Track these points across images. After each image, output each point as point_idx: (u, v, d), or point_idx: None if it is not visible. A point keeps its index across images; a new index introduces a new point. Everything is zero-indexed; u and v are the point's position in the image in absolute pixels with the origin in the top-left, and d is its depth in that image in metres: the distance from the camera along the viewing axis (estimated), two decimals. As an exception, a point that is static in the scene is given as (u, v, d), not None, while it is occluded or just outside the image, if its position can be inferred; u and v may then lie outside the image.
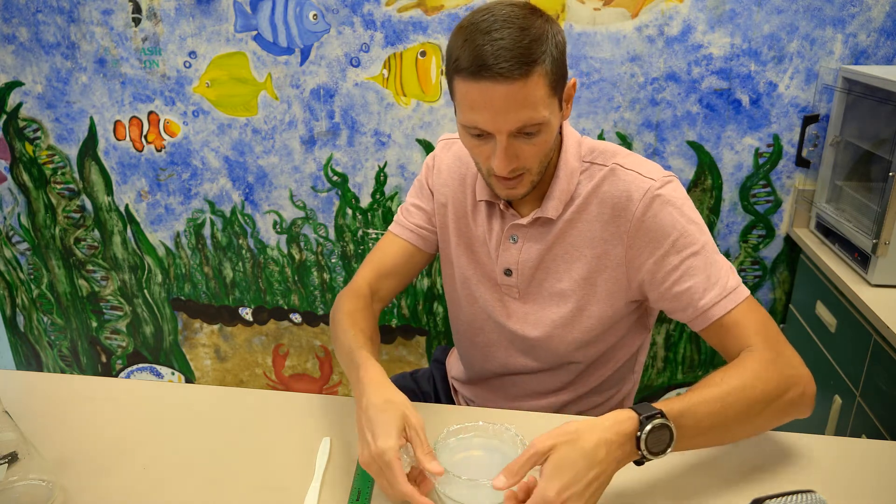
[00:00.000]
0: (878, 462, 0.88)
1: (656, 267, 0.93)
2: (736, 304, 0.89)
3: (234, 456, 0.89)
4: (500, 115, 0.83)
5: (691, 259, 0.91)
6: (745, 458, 0.87)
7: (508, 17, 0.81)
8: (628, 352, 1.09)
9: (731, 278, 0.91)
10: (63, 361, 2.23)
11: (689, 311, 0.92)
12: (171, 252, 2.02)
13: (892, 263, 1.35)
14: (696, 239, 0.91)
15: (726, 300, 0.89)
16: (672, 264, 0.91)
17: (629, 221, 0.93)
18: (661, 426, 0.73)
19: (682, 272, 0.91)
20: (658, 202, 0.91)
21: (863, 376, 1.33)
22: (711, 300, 0.90)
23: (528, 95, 0.82)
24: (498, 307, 1.07)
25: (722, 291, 0.90)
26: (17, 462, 0.78)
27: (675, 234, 0.91)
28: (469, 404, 1.21)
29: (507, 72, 0.79)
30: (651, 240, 0.92)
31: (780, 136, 1.66)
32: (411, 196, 1.15)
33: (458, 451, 0.84)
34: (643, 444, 0.73)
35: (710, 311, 0.90)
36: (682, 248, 0.91)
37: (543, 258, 1.00)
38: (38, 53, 1.82)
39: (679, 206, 0.92)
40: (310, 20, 1.70)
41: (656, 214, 0.91)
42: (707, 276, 0.90)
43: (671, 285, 0.92)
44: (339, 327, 0.99)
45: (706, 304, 0.90)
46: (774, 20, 1.57)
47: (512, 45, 0.80)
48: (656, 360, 1.92)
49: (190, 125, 1.85)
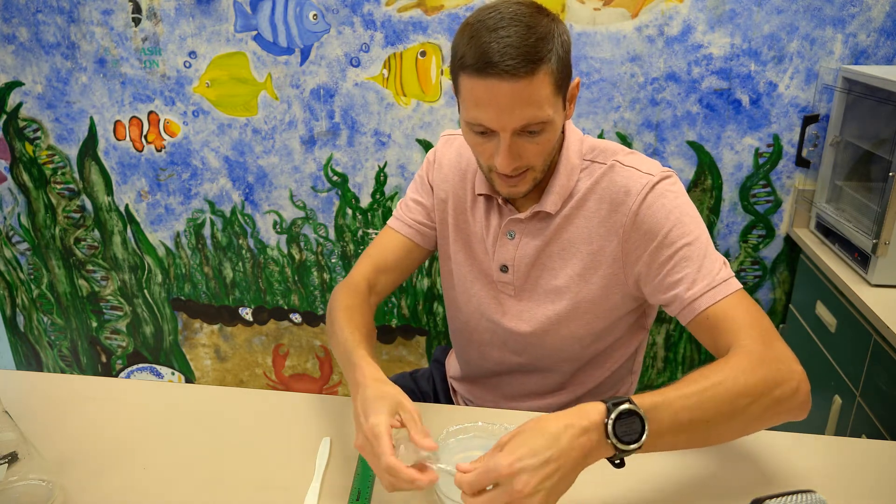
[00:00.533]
0: (878, 462, 0.88)
1: (650, 259, 0.92)
2: (724, 295, 0.86)
3: (234, 456, 0.89)
4: (504, 112, 0.83)
5: (685, 250, 0.89)
6: (745, 458, 0.87)
7: (515, 15, 0.81)
8: (626, 352, 1.09)
9: (723, 271, 0.88)
10: (63, 361, 2.23)
11: (676, 303, 0.89)
12: (171, 252, 2.02)
13: (892, 263, 1.35)
14: (689, 230, 0.89)
15: (714, 291, 0.86)
16: (665, 255, 0.90)
17: (625, 216, 0.93)
18: (629, 412, 0.69)
19: (675, 263, 0.89)
20: (653, 195, 0.91)
21: (863, 376, 1.33)
22: (699, 291, 0.87)
23: (534, 94, 0.82)
24: (493, 305, 1.07)
25: (711, 282, 0.87)
26: (17, 462, 0.78)
27: (669, 226, 0.90)
28: (467, 404, 1.21)
29: (513, 69, 0.79)
30: (646, 232, 0.92)
31: (780, 136, 1.66)
32: (411, 191, 1.14)
33: (458, 451, 0.84)
34: (610, 431, 0.68)
35: (697, 302, 0.87)
36: (676, 239, 0.89)
37: (540, 254, 1.00)
38: (38, 53, 1.82)
39: (674, 199, 0.91)
40: (310, 20, 1.70)
41: (651, 206, 0.91)
42: (698, 268, 0.88)
43: (663, 277, 0.91)
44: (336, 324, 0.98)
45: (693, 294, 0.87)
46: (774, 20, 1.57)
47: (518, 42, 0.80)
48: (656, 360, 1.92)
49: (190, 125, 1.85)
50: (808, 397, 0.79)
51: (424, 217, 1.11)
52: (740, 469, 0.85)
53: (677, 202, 0.91)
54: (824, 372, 1.48)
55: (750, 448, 0.88)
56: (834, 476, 0.84)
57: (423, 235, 1.12)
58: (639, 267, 0.94)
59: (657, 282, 0.92)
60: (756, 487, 0.78)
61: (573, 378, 1.09)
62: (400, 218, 1.12)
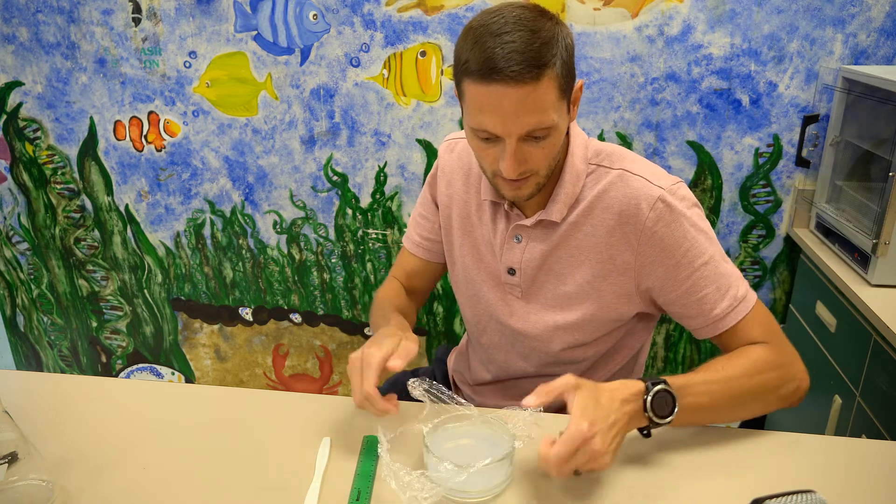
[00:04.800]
0: (878, 462, 0.87)
1: (666, 275, 0.94)
2: (746, 312, 0.93)
3: (234, 456, 0.89)
4: (509, 118, 0.82)
5: (701, 269, 0.92)
6: (745, 458, 0.87)
7: (519, 20, 0.81)
8: (629, 353, 1.09)
9: (741, 287, 0.94)
10: (63, 361, 2.23)
11: (698, 320, 0.95)
12: (171, 252, 2.02)
13: (892, 263, 1.35)
14: (704, 249, 0.92)
15: (737, 310, 0.92)
16: (683, 275, 0.93)
17: (638, 229, 0.93)
18: (664, 391, 0.82)
19: (693, 282, 0.93)
20: (668, 212, 0.91)
21: (863, 376, 1.33)
22: (723, 311, 0.92)
23: (539, 99, 0.81)
24: (501, 306, 1.07)
25: (733, 302, 0.92)
26: (17, 462, 0.78)
27: (686, 246, 0.92)
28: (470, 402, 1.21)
29: (518, 75, 0.79)
30: (661, 249, 0.93)
31: (780, 136, 1.66)
32: (418, 205, 1.17)
33: (448, 439, 0.85)
34: (649, 405, 0.81)
35: (722, 322, 0.93)
36: (693, 260, 0.92)
37: (547, 259, 1.00)
38: (38, 53, 1.82)
39: (689, 216, 0.92)
40: (310, 20, 1.70)
41: (667, 224, 0.91)
42: (717, 287, 0.92)
43: (681, 294, 0.94)
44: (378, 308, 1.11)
45: (718, 314, 0.93)
46: (774, 20, 1.57)
47: (523, 47, 0.79)
48: (656, 360, 1.92)
49: (190, 125, 1.85)
50: (804, 393, 0.93)
51: (432, 233, 1.15)
52: (740, 469, 0.85)
53: (692, 219, 0.93)
54: (824, 372, 1.48)
55: (750, 448, 0.89)
56: (834, 476, 0.84)
57: (432, 252, 1.17)
58: (652, 280, 0.96)
59: (673, 297, 0.95)
60: (756, 487, 0.78)
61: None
62: (411, 238, 1.19)
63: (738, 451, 0.88)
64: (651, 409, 0.81)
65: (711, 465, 0.86)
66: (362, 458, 0.87)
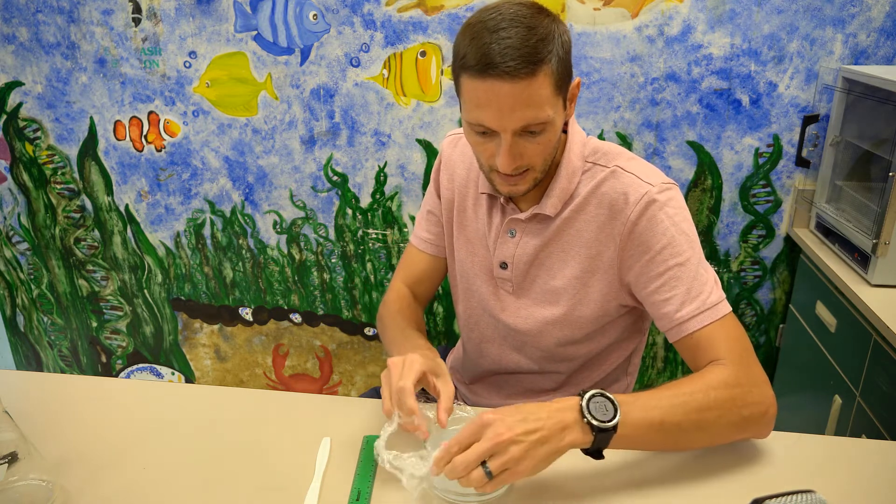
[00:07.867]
0: (878, 462, 0.88)
1: (641, 270, 0.94)
2: (712, 320, 0.89)
3: (234, 456, 0.89)
4: (505, 113, 0.83)
5: (675, 269, 0.91)
6: (745, 458, 0.87)
7: (516, 16, 0.82)
8: (622, 354, 1.10)
9: (714, 294, 0.90)
10: (63, 361, 2.23)
11: (664, 321, 0.92)
12: (171, 252, 2.02)
13: (892, 263, 1.35)
14: (682, 250, 0.91)
15: (703, 315, 0.89)
16: (656, 271, 0.92)
17: (623, 224, 0.93)
18: (600, 395, 0.77)
19: (664, 281, 0.91)
20: (653, 208, 0.91)
21: (863, 376, 1.33)
22: (688, 314, 0.89)
23: (534, 94, 0.82)
24: (492, 300, 1.08)
25: (700, 306, 0.89)
26: (17, 462, 0.78)
27: (664, 242, 0.91)
28: (465, 402, 1.22)
29: (514, 70, 0.80)
30: (640, 244, 0.93)
31: (780, 136, 1.66)
32: (425, 203, 1.18)
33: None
34: (586, 408, 0.75)
35: (685, 325, 0.90)
36: (668, 258, 0.91)
37: (539, 254, 1.01)
38: (38, 53, 1.82)
39: (672, 216, 0.92)
40: (310, 20, 1.70)
41: (649, 220, 0.92)
42: (688, 290, 0.90)
43: (652, 292, 0.93)
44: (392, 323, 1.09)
45: (682, 316, 0.90)
46: (774, 20, 1.57)
47: (519, 44, 0.80)
48: (656, 360, 1.92)
49: (190, 125, 1.85)
50: (773, 420, 0.86)
51: (438, 226, 1.15)
52: (740, 469, 0.85)
53: (675, 219, 0.92)
54: (824, 372, 1.48)
55: (750, 448, 0.89)
56: (834, 476, 0.84)
57: (440, 247, 1.17)
58: (630, 276, 0.96)
59: (645, 294, 0.94)
60: (756, 487, 0.78)
61: (570, 378, 1.10)
62: (417, 234, 1.18)
63: (738, 451, 0.88)
64: (589, 413, 0.75)
65: (711, 465, 0.86)
66: (362, 458, 0.87)
